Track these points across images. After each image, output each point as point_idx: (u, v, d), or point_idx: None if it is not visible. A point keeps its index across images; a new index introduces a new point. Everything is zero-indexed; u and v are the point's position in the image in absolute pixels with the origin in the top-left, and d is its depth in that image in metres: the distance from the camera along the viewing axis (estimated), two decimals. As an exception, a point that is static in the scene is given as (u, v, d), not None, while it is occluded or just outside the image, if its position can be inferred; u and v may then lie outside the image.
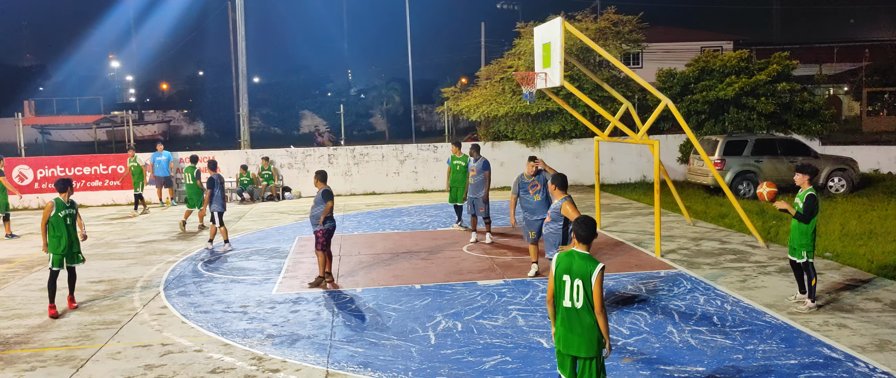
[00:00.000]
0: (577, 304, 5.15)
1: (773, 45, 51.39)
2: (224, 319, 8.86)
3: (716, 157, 18.13)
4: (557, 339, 5.30)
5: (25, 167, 21.00)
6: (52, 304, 9.21)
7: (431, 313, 8.86)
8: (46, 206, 9.15)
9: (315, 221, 10.26)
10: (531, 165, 10.58)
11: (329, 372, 7.02)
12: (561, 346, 5.27)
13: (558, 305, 5.27)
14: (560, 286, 5.22)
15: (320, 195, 10.26)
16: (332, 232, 10.40)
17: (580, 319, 5.15)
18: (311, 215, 10.38)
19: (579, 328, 5.15)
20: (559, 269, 5.24)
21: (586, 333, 5.14)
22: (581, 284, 5.12)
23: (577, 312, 5.15)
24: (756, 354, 7.18)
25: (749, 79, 21.25)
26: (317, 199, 10.31)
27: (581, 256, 5.20)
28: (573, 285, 5.15)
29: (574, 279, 5.15)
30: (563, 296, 5.20)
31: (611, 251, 12.38)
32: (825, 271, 10.35)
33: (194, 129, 58.70)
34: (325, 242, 10.27)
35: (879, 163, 22.53)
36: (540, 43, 13.22)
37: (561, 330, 5.25)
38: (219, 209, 13.37)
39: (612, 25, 23.18)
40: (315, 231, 10.30)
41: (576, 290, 5.14)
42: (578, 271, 5.15)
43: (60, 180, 9.34)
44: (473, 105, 23.15)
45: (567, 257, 5.25)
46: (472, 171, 13.30)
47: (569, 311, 5.19)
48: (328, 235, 10.30)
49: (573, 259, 5.20)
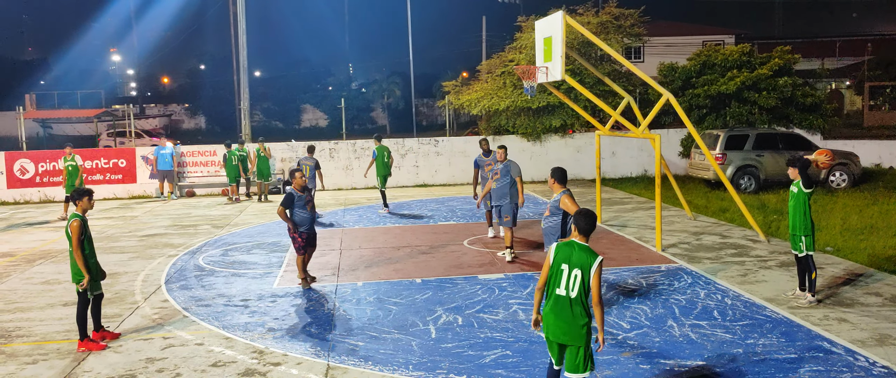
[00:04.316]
0: (571, 293, 5.23)
1: (775, 39, 51.28)
2: (225, 313, 8.88)
3: (717, 152, 18.11)
4: (546, 327, 5.39)
5: (27, 161, 21.01)
6: (94, 332, 7.92)
7: (432, 307, 8.87)
8: (74, 225, 7.54)
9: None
10: (501, 152, 11.33)
11: (330, 365, 7.04)
12: (549, 334, 5.37)
13: (550, 293, 5.34)
14: (557, 274, 5.29)
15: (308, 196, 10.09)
16: (306, 236, 9.96)
17: (571, 309, 5.24)
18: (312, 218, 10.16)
19: (568, 316, 5.25)
20: (558, 257, 5.30)
21: (575, 321, 5.23)
22: (579, 275, 5.21)
23: (570, 301, 5.24)
24: (756, 348, 7.19)
25: (751, 73, 21.21)
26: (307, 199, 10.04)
27: (581, 247, 5.29)
28: (571, 274, 5.23)
29: (573, 269, 5.23)
30: (559, 284, 5.27)
31: (612, 245, 12.38)
32: (826, 266, 10.35)
33: (195, 123, 58.69)
34: (302, 244, 9.92)
35: (881, 157, 22.50)
36: (541, 37, 13.19)
37: (550, 317, 5.33)
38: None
39: (614, 19, 23.13)
40: (302, 232, 9.90)
41: (573, 279, 5.22)
42: (578, 261, 5.23)
43: (79, 191, 7.88)
44: (474, 99, 23.13)
45: (567, 247, 5.32)
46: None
47: (560, 299, 5.27)
48: (302, 238, 9.91)
49: (573, 249, 5.29)
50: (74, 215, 7.66)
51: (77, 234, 7.54)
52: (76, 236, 7.53)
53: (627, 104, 13.92)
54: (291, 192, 9.82)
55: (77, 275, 7.65)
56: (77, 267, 7.62)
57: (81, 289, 7.62)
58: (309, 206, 9.92)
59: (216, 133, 47.49)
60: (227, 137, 26.19)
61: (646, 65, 39.33)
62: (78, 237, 7.54)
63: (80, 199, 7.79)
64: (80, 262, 7.56)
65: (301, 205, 9.80)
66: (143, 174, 21.46)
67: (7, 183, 20.81)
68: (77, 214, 7.69)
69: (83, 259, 7.58)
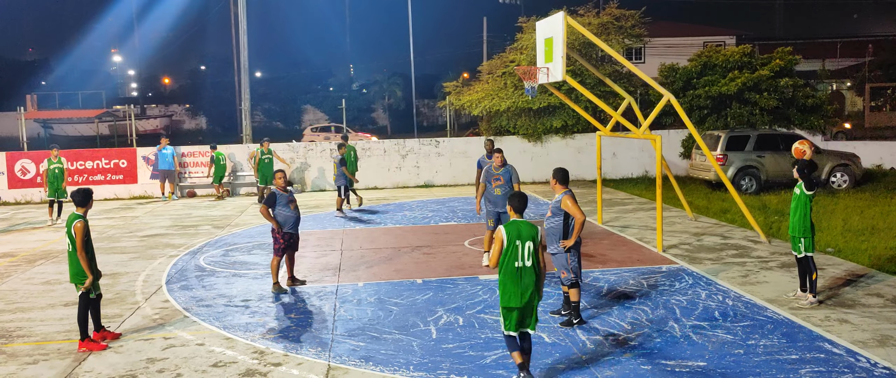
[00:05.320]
0: (526, 262, 6.30)
1: (776, 40, 51.27)
2: (226, 313, 8.88)
3: (718, 153, 18.10)
4: (514, 297, 6.27)
5: (28, 161, 21.02)
6: (95, 333, 7.89)
7: (433, 308, 8.87)
8: (78, 227, 7.49)
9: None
10: (498, 157, 10.87)
11: (330, 366, 7.04)
12: (516, 302, 6.26)
13: (509, 268, 6.28)
14: (513, 250, 6.28)
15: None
16: (289, 237, 9.86)
17: (530, 275, 6.29)
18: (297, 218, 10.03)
19: (529, 282, 6.29)
20: (511, 236, 6.30)
21: (533, 285, 6.31)
22: (531, 245, 6.30)
23: (527, 270, 6.30)
24: (757, 349, 7.18)
25: (751, 74, 21.18)
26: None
27: (524, 223, 6.39)
28: (524, 247, 6.29)
29: (524, 242, 6.30)
30: (517, 258, 6.29)
31: (613, 246, 12.38)
32: (827, 267, 10.34)
33: (196, 124, 58.74)
34: (282, 246, 9.80)
35: (882, 158, 22.48)
36: (542, 37, 13.19)
37: (513, 287, 6.27)
38: (343, 183, 16.47)
39: (615, 20, 23.12)
40: (285, 233, 9.78)
41: (527, 251, 6.29)
42: (527, 235, 6.32)
43: (82, 192, 7.78)
44: (475, 100, 23.12)
45: (513, 226, 6.37)
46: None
47: (520, 270, 6.29)
48: (284, 239, 9.82)
49: (519, 226, 6.35)
50: (77, 216, 7.63)
51: (82, 235, 7.52)
52: (81, 237, 7.52)
53: (628, 105, 13.92)
54: (275, 192, 9.75)
55: (77, 276, 7.64)
56: (77, 268, 7.61)
57: (85, 289, 7.61)
58: (292, 206, 9.79)
59: (217, 133, 47.49)
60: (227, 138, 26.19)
61: (646, 66, 39.31)
62: (82, 238, 7.53)
63: (86, 202, 7.73)
64: (84, 263, 7.55)
65: (284, 204, 9.70)
66: (144, 174, 21.46)
67: (8, 183, 20.83)
68: (79, 215, 7.65)
69: (87, 260, 7.57)
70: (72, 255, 7.64)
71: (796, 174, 8.77)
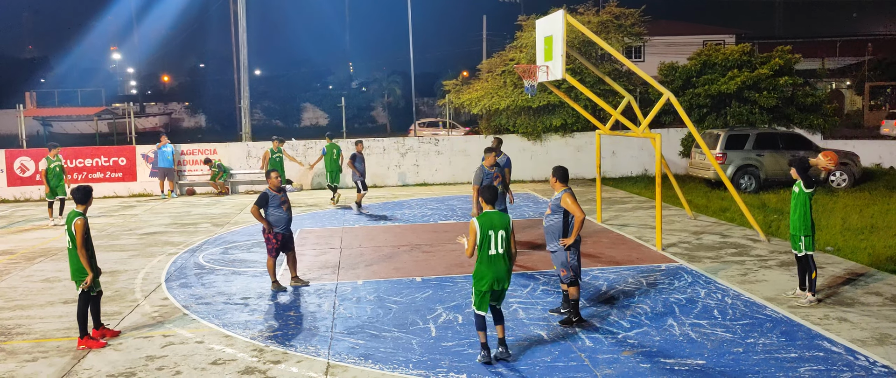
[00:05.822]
0: (499, 250, 6.79)
1: (776, 38, 51.30)
2: (225, 311, 8.88)
3: (717, 151, 18.10)
4: (484, 282, 6.77)
5: (27, 159, 21.01)
6: (94, 330, 7.90)
7: (432, 306, 8.87)
8: (78, 224, 7.50)
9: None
10: (491, 156, 10.88)
11: (330, 364, 7.04)
12: (495, 286, 6.79)
13: (483, 255, 6.78)
14: (487, 239, 6.75)
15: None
16: (281, 238, 9.85)
17: (503, 262, 6.80)
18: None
19: (502, 267, 6.81)
20: (484, 227, 6.76)
21: (507, 270, 6.85)
22: (504, 234, 6.80)
23: (501, 257, 6.79)
24: (756, 348, 7.19)
25: (751, 73, 21.18)
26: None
27: (496, 214, 6.86)
28: (497, 236, 6.77)
29: (498, 231, 6.77)
30: (491, 246, 6.76)
31: (612, 244, 12.38)
32: (826, 265, 10.35)
33: (196, 122, 58.68)
34: (275, 246, 9.80)
35: (881, 157, 22.49)
36: (542, 36, 13.18)
37: (490, 273, 6.76)
38: (360, 178, 16.86)
39: (614, 18, 23.11)
40: (277, 233, 9.79)
41: (500, 239, 6.78)
42: (501, 224, 6.80)
43: (82, 189, 7.79)
44: (475, 98, 23.12)
45: (486, 217, 6.82)
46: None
47: (494, 258, 6.78)
48: (276, 239, 9.82)
49: (492, 217, 6.82)
50: (77, 214, 7.63)
51: (82, 232, 7.53)
52: (81, 235, 7.52)
53: (628, 103, 13.92)
54: (266, 192, 9.74)
55: (78, 273, 7.64)
56: (77, 265, 7.62)
57: (85, 287, 7.61)
58: (284, 207, 9.77)
59: (217, 132, 47.47)
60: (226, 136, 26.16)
61: (646, 64, 39.31)
62: (82, 236, 7.53)
63: (86, 200, 7.73)
64: (84, 260, 7.56)
65: (276, 204, 9.68)
66: (144, 172, 21.45)
67: (7, 181, 20.81)
68: (79, 213, 7.65)
69: (87, 258, 7.57)
70: (72, 252, 7.65)
71: (793, 173, 8.77)
